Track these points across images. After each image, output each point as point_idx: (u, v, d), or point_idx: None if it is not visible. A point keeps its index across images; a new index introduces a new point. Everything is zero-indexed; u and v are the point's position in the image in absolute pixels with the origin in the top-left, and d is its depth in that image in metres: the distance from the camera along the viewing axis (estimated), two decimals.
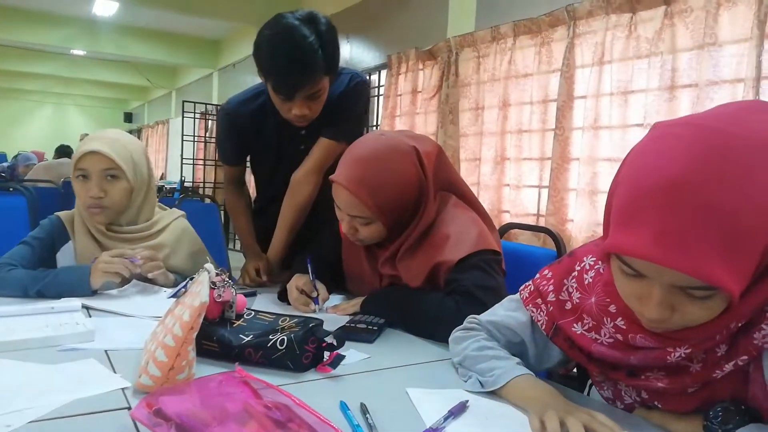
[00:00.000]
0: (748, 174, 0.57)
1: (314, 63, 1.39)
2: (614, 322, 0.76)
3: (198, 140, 7.17)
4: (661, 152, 0.62)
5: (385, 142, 1.22)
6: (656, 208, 0.59)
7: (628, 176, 0.64)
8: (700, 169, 0.58)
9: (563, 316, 0.84)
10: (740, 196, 0.57)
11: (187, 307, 0.85)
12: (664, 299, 0.63)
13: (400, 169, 1.20)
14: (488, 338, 0.94)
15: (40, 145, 10.12)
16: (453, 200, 1.30)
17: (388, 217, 1.22)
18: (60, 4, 6.86)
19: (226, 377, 0.78)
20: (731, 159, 0.58)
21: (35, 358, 0.93)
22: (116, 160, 1.39)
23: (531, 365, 0.90)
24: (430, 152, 1.26)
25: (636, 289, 0.66)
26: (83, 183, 1.41)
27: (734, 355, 0.68)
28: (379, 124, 4.23)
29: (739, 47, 2.16)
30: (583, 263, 0.85)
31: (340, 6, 4.89)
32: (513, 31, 3.08)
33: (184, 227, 1.57)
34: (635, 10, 2.49)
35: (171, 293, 0.96)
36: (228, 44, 7.90)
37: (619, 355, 0.76)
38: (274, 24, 1.43)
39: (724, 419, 0.67)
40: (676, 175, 0.59)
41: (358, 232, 1.25)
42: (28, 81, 11.92)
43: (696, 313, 0.64)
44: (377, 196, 1.19)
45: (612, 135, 2.61)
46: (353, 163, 1.21)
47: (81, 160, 1.40)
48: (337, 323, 1.18)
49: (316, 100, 1.48)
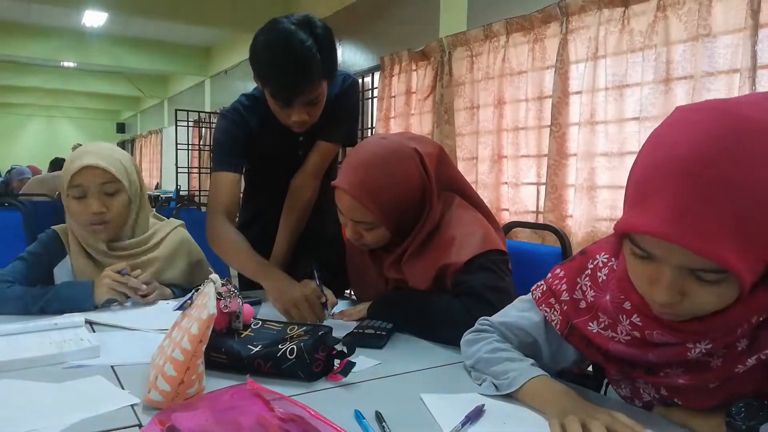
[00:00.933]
0: (764, 157, 0.57)
1: (313, 68, 1.37)
2: (630, 319, 0.75)
3: (192, 148, 7.14)
4: (678, 133, 0.62)
5: (387, 145, 1.21)
6: (669, 186, 0.59)
7: (645, 157, 0.64)
8: (715, 149, 0.58)
9: (578, 315, 0.83)
10: (754, 179, 0.57)
11: (195, 320, 0.83)
12: (674, 282, 0.63)
13: (402, 173, 1.19)
14: (501, 340, 0.93)
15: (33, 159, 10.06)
16: (457, 201, 1.29)
17: (391, 221, 1.21)
18: (49, 16, 6.82)
19: (237, 390, 0.76)
20: (746, 141, 0.57)
21: (41, 376, 0.91)
22: (114, 173, 1.36)
23: (545, 365, 0.89)
24: (432, 153, 1.25)
25: (647, 271, 0.66)
26: (80, 201, 1.36)
27: (756, 349, 0.67)
28: (374, 126, 4.22)
29: (733, 38, 2.15)
30: (596, 261, 0.83)
31: (331, 9, 4.88)
32: (505, 28, 3.07)
33: (181, 238, 1.53)
34: (628, 4, 2.49)
35: (176, 305, 0.95)
36: (219, 51, 7.88)
37: (637, 353, 0.75)
38: (270, 29, 1.40)
39: (747, 415, 0.66)
40: (690, 155, 0.58)
41: (363, 237, 1.24)
42: (18, 95, 11.85)
43: (706, 299, 0.63)
44: (380, 201, 1.18)
45: (608, 129, 2.60)
46: (355, 168, 1.20)
47: (77, 176, 1.35)
48: (344, 329, 1.16)
49: (316, 105, 1.46)
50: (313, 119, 1.49)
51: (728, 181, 0.57)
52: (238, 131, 1.56)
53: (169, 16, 5.64)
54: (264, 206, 1.70)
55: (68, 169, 1.37)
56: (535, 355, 0.91)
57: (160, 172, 10.56)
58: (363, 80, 4.58)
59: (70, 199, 1.38)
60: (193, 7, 5.50)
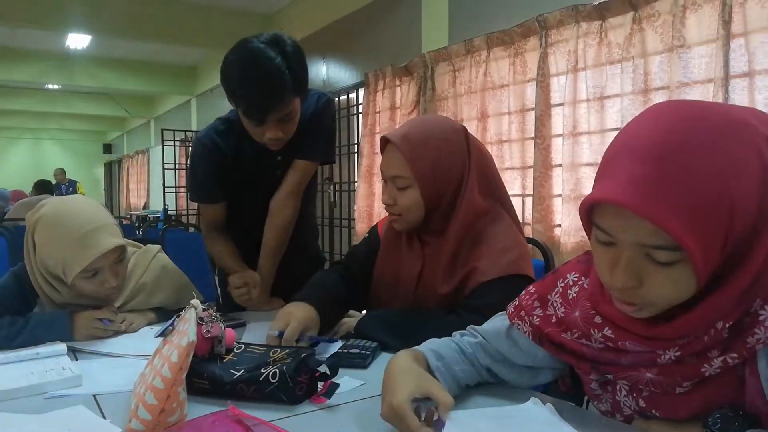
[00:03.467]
0: (714, 141, 0.62)
1: (282, 85, 1.39)
2: (602, 332, 0.77)
3: (179, 168, 7.13)
4: (643, 122, 0.67)
5: (440, 117, 1.33)
6: (629, 164, 0.64)
7: (613, 142, 0.70)
8: (670, 130, 0.64)
9: (550, 327, 0.86)
10: (703, 160, 0.61)
11: (175, 347, 0.83)
12: (630, 264, 0.66)
13: (447, 138, 1.23)
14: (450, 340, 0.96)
15: (20, 181, 10.00)
16: (508, 221, 1.29)
17: (426, 184, 1.21)
18: (33, 39, 6.81)
19: (218, 417, 0.76)
20: (701, 125, 0.63)
21: (22, 407, 0.90)
22: (123, 244, 1.32)
23: (521, 370, 0.93)
24: (477, 142, 1.30)
25: (607, 257, 0.69)
26: (92, 279, 1.28)
27: (725, 353, 0.68)
28: (359, 142, 4.24)
29: (707, 48, 2.20)
30: (567, 279, 0.87)
31: (315, 26, 4.92)
32: (486, 43, 3.11)
33: (163, 265, 1.48)
34: (604, 18, 2.54)
35: (158, 332, 0.94)
36: (205, 70, 7.90)
37: (611, 357, 0.78)
38: (240, 49, 1.42)
39: (723, 426, 0.67)
40: (651, 140, 0.64)
41: (396, 204, 1.25)
42: (3, 118, 11.81)
43: (662, 285, 0.66)
44: (419, 156, 1.20)
45: (592, 140, 2.64)
46: (405, 126, 1.27)
47: (99, 259, 1.25)
48: (328, 350, 1.16)
49: (289, 122, 1.47)
50: (287, 136, 1.50)
51: (682, 167, 0.61)
52: (210, 163, 1.59)
53: (153, 36, 5.66)
54: (247, 228, 1.70)
55: (83, 253, 1.24)
56: (499, 359, 0.94)
57: (147, 192, 10.53)
58: (348, 96, 4.61)
59: (78, 280, 1.27)
60: (177, 27, 5.54)
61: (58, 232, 1.25)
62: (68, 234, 1.24)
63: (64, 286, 1.30)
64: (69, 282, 1.27)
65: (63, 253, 1.24)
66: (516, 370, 0.94)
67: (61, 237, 1.25)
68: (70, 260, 1.24)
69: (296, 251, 1.70)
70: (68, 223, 1.26)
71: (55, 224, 1.26)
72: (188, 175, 1.67)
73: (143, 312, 1.41)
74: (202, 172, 1.61)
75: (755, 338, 0.66)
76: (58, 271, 1.27)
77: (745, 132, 0.63)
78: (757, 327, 0.66)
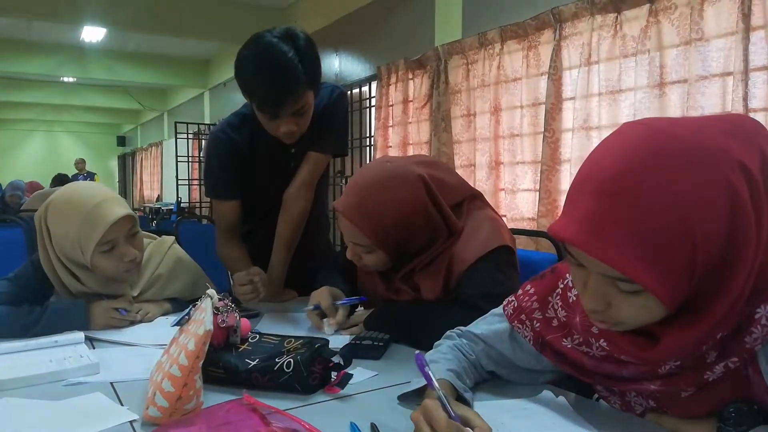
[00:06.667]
0: (676, 172, 0.59)
1: (295, 78, 1.39)
2: (598, 342, 0.77)
3: (192, 160, 7.18)
4: (607, 149, 0.65)
5: (388, 169, 1.20)
6: (586, 199, 0.63)
7: (580, 169, 0.68)
8: (630, 163, 0.61)
9: (551, 332, 0.85)
10: (662, 193, 0.59)
11: (192, 336, 0.85)
12: (597, 289, 0.66)
13: (402, 198, 1.17)
14: (455, 347, 0.95)
15: (35, 173, 10.11)
16: (471, 206, 1.29)
17: (389, 246, 1.20)
18: (48, 32, 6.88)
19: (233, 405, 0.77)
20: (663, 157, 0.60)
21: (41, 394, 0.92)
22: (134, 215, 1.34)
23: (526, 372, 0.93)
24: (444, 179, 1.24)
25: (579, 277, 0.69)
26: (109, 254, 1.30)
27: (725, 357, 0.68)
28: (372, 135, 4.24)
29: (726, 41, 2.17)
30: (566, 280, 0.85)
31: (328, 20, 4.92)
32: (500, 36, 3.09)
33: (178, 256, 1.50)
34: (620, 10, 2.51)
35: (174, 321, 0.96)
36: (218, 63, 7.93)
37: (612, 368, 0.77)
38: (253, 44, 1.43)
39: (737, 420, 0.67)
40: (609, 171, 0.62)
41: (362, 259, 1.25)
42: (18, 110, 11.93)
43: (627, 310, 0.65)
44: (376, 225, 1.18)
45: (602, 135, 2.61)
46: (354, 192, 1.21)
47: (109, 232, 1.27)
48: (342, 341, 1.17)
49: (303, 115, 1.48)
50: (301, 129, 1.51)
51: (636, 195, 0.59)
52: (227, 158, 1.60)
53: (167, 30, 5.69)
54: (260, 219, 1.71)
55: (96, 226, 1.26)
56: (503, 363, 0.94)
57: (161, 185, 10.61)
58: (360, 90, 4.61)
59: (95, 256, 1.28)
60: (191, 21, 5.55)
61: (69, 212, 1.28)
62: (79, 211, 1.27)
63: (84, 271, 1.32)
64: (89, 262, 1.28)
65: (77, 231, 1.27)
66: (521, 371, 0.94)
67: (72, 216, 1.27)
68: (85, 236, 1.26)
69: (308, 244, 1.71)
70: (77, 201, 1.29)
71: (65, 204, 1.30)
72: (205, 172, 1.66)
73: (159, 302, 1.43)
74: (218, 167, 1.62)
75: (753, 337, 0.66)
76: (77, 253, 1.29)
77: (711, 161, 0.59)
78: (754, 326, 0.65)
